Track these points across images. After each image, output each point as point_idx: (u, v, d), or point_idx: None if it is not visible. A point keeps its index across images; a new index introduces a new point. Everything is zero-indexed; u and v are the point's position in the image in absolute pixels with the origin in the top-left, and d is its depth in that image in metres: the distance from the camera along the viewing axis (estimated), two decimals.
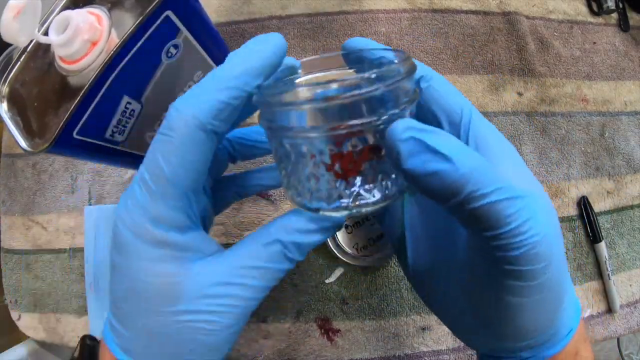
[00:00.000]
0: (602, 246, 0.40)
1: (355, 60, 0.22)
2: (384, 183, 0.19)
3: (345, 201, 0.19)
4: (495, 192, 0.15)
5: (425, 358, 0.38)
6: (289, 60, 0.21)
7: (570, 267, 0.41)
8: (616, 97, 0.45)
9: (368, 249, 0.36)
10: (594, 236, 0.41)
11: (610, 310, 0.41)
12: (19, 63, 0.27)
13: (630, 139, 0.44)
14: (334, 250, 0.36)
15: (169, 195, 0.18)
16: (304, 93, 0.17)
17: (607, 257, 0.40)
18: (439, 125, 0.21)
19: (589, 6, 0.47)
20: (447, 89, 0.21)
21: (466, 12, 0.45)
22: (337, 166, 0.18)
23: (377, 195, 0.19)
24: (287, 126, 0.18)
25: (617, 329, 0.40)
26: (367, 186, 0.18)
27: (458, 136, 0.20)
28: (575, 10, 0.47)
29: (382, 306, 0.39)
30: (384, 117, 0.16)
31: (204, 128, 0.17)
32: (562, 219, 0.41)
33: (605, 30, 0.47)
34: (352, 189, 0.18)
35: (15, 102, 0.26)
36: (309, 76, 0.23)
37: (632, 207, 0.43)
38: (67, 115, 0.23)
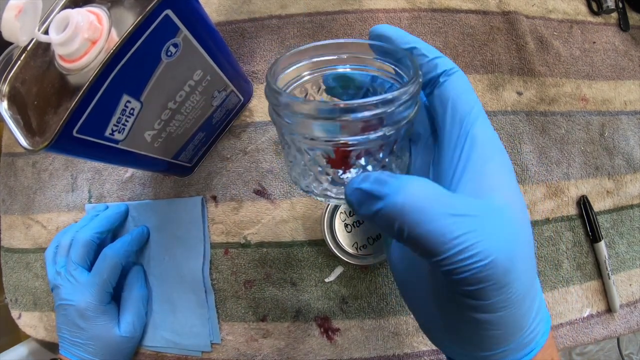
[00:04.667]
0: (602, 246, 0.40)
1: (378, 49, 0.23)
2: None
3: (331, 192, 0.21)
4: (435, 219, 0.16)
5: (425, 357, 0.38)
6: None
7: (570, 267, 0.41)
8: (616, 96, 0.45)
9: (367, 248, 0.36)
10: (593, 236, 0.41)
11: (610, 309, 0.40)
12: (19, 62, 0.27)
13: (630, 139, 0.44)
14: (334, 249, 0.36)
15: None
16: (310, 108, 0.18)
17: (607, 257, 0.40)
18: (443, 118, 0.22)
19: (589, 6, 0.47)
20: (462, 88, 0.21)
21: (466, 11, 0.45)
22: (327, 164, 0.20)
23: None
24: (290, 125, 0.19)
25: (617, 329, 0.40)
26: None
27: (457, 135, 0.21)
28: (575, 10, 0.47)
29: (382, 305, 0.39)
30: (379, 135, 0.18)
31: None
32: (561, 219, 0.41)
33: (605, 30, 0.47)
34: (339, 182, 0.21)
35: (16, 100, 0.26)
36: (318, 59, 0.22)
37: (631, 206, 0.43)
38: (67, 114, 0.23)
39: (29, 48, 0.27)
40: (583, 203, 0.42)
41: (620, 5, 0.47)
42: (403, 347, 0.38)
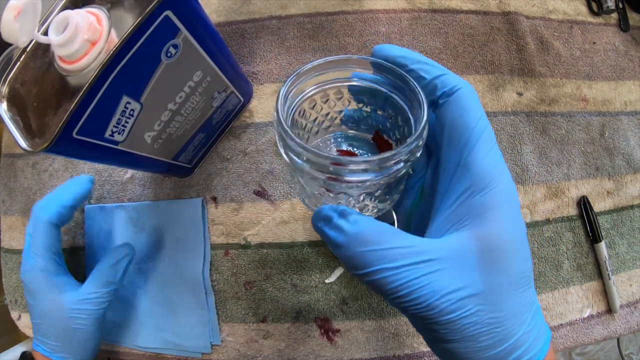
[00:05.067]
0: (602, 246, 0.40)
1: (379, 66, 0.22)
2: (368, 203, 0.23)
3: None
4: (396, 260, 0.18)
5: (425, 358, 0.38)
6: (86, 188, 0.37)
7: (570, 267, 0.41)
8: (616, 97, 0.45)
9: None
10: (594, 236, 0.41)
11: (610, 310, 0.40)
12: (18, 63, 0.27)
13: (630, 139, 0.44)
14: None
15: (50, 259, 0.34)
16: (308, 155, 0.19)
17: (607, 257, 0.40)
18: (441, 142, 0.21)
19: (589, 6, 0.47)
20: (462, 109, 0.20)
21: (466, 12, 0.45)
22: (325, 191, 0.22)
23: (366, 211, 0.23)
24: (299, 165, 0.20)
25: (617, 329, 0.40)
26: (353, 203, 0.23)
27: (452, 162, 0.20)
28: (575, 10, 0.47)
29: (382, 306, 0.39)
30: (372, 182, 0.19)
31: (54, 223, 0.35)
32: (562, 219, 0.41)
33: (605, 30, 0.47)
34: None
35: (15, 101, 0.26)
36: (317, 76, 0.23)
37: (632, 207, 0.43)
38: (66, 115, 0.23)
39: (28, 49, 0.27)
40: (583, 203, 0.42)
41: (621, 5, 0.47)
42: (403, 348, 0.38)
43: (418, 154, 0.19)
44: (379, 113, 0.24)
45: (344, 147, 0.26)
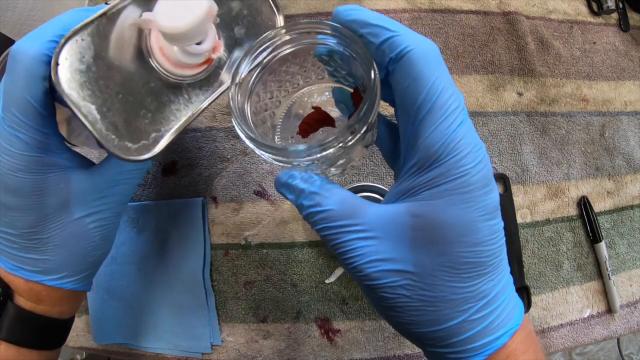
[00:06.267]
0: (602, 246, 0.40)
1: (336, 31, 0.21)
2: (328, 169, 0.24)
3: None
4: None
5: (425, 358, 0.38)
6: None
7: (570, 268, 0.41)
8: (616, 97, 0.45)
9: None
10: (594, 236, 0.41)
11: (610, 310, 0.41)
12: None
13: (630, 139, 0.44)
14: None
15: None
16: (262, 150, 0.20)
17: (607, 257, 0.40)
18: (396, 108, 0.21)
19: (589, 6, 0.47)
20: (410, 76, 0.18)
21: (466, 12, 0.45)
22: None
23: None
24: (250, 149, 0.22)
25: (617, 329, 0.40)
26: None
27: (408, 135, 0.19)
28: (575, 10, 0.47)
29: None
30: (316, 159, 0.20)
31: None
32: (562, 219, 0.41)
33: (605, 30, 0.47)
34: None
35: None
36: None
37: (632, 207, 0.43)
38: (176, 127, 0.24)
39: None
40: (583, 204, 0.42)
41: (621, 5, 0.47)
42: (403, 348, 0.38)
43: (362, 131, 0.19)
44: (348, 77, 0.24)
45: (321, 99, 0.27)
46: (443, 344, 0.19)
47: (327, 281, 0.39)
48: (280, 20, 0.28)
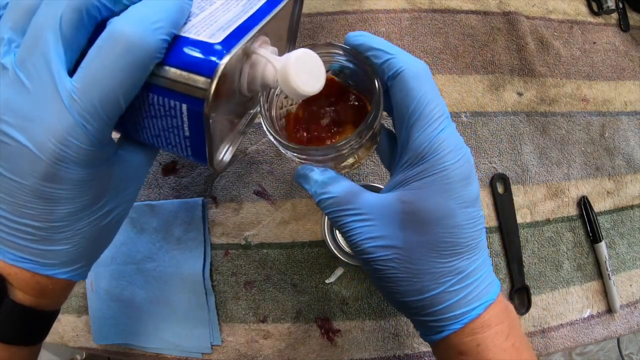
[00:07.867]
0: (602, 246, 0.40)
1: (350, 52, 0.25)
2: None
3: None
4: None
5: (425, 358, 0.38)
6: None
7: (570, 267, 0.41)
8: (616, 97, 0.45)
9: None
10: (594, 236, 0.41)
11: (610, 310, 0.41)
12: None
13: (630, 139, 0.44)
14: (334, 250, 0.36)
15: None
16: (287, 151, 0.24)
17: (607, 257, 0.40)
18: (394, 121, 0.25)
19: (589, 6, 0.47)
20: (404, 92, 0.23)
21: (466, 12, 0.45)
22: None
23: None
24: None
25: (617, 329, 0.40)
26: None
27: (402, 138, 0.24)
28: (575, 10, 0.47)
29: (382, 306, 0.39)
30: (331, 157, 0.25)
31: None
32: (562, 219, 0.41)
33: (605, 30, 0.47)
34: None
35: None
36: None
37: (632, 207, 0.43)
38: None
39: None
40: (583, 204, 0.42)
41: (621, 5, 0.47)
42: (403, 348, 0.38)
43: (368, 136, 0.24)
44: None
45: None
46: (425, 312, 0.23)
47: (327, 281, 0.39)
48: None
